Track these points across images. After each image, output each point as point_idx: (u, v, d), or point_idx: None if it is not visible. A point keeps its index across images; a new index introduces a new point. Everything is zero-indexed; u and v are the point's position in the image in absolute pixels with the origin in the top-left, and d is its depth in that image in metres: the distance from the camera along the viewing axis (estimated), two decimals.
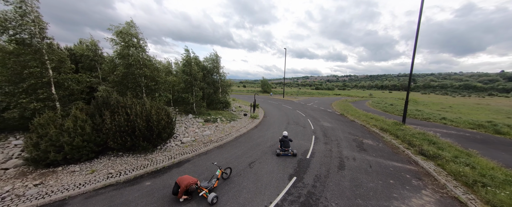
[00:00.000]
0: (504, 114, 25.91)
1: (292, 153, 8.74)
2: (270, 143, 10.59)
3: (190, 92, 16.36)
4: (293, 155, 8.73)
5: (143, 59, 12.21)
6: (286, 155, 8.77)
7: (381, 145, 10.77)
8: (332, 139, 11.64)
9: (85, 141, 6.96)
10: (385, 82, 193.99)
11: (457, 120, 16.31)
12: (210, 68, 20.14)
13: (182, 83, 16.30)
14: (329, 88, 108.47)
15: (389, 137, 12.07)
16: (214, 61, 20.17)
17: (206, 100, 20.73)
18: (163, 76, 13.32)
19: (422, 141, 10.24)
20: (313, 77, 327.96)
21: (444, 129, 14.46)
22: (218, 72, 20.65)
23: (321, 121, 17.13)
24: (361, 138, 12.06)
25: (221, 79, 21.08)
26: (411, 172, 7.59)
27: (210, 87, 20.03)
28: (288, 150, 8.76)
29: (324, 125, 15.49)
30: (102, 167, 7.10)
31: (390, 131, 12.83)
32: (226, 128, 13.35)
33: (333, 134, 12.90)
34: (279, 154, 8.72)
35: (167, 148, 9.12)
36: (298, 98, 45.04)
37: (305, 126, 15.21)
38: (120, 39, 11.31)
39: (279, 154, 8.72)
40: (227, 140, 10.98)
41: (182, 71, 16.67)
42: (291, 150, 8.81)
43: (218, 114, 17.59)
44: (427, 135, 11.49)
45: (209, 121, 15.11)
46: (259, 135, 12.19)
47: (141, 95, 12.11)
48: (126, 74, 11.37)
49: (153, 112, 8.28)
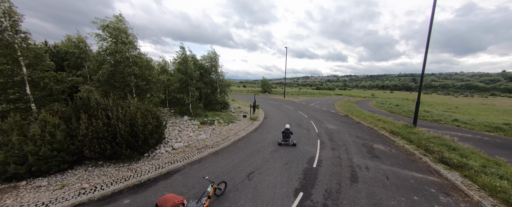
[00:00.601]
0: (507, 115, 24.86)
1: (292, 143, 10.11)
2: (272, 149, 9.56)
3: (186, 93, 15.33)
4: (293, 145, 10.03)
5: (132, 56, 11.19)
6: (287, 145, 10.16)
7: (394, 151, 9.73)
8: (340, 144, 10.61)
9: (55, 150, 5.93)
10: (386, 82, 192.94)
11: (471, 122, 15.27)
12: (208, 67, 19.13)
13: (177, 83, 15.28)
14: (330, 88, 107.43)
15: (401, 141, 11.04)
16: (212, 60, 19.14)
17: (204, 100, 19.69)
18: (156, 75, 12.28)
19: (441, 147, 9.21)
20: (313, 77, 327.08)
21: (459, 132, 13.42)
22: (216, 71, 19.62)
23: (325, 123, 16.10)
24: (370, 143, 11.03)
25: (220, 79, 20.04)
26: (435, 185, 6.56)
27: (208, 87, 19.00)
28: (289, 140, 10.15)
29: (329, 128, 14.45)
30: (75, 180, 6.07)
31: (402, 135, 11.80)
32: (224, 131, 12.33)
33: (339, 137, 11.87)
34: (281, 143, 10.15)
35: (155, 155, 8.09)
36: (299, 98, 44.01)
37: (308, 128, 14.18)
38: (107, 34, 10.29)
39: (280, 143, 10.16)
40: (224, 145, 9.95)
41: (177, 70, 15.65)
42: (291, 141, 10.18)
43: (215, 115, 16.57)
44: (444, 139, 10.46)
45: (205, 123, 14.08)
46: (260, 139, 11.17)
47: (131, 95, 11.08)
48: (113, 72, 10.35)
49: (139, 115, 7.25)
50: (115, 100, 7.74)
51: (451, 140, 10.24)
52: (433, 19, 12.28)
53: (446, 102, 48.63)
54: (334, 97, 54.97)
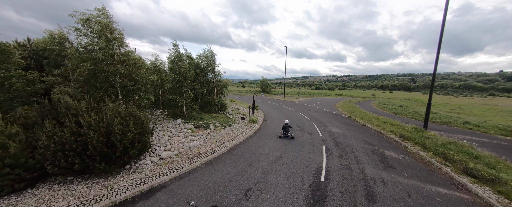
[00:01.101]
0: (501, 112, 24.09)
1: (291, 136, 11.42)
2: (273, 157, 8.51)
3: (179, 94, 14.22)
4: (291, 138, 11.30)
5: (118, 54, 10.06)
6: (287, 137, 11.42)
7: (409, 159, 8.73)
8: (347, 151, 9.59)
9: (7, 167, 4.82)
10: (385, 82, 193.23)
11: (483, 125, 14.36)
12: (204, 66, 18.03)
13: (169, 83, 14.15)
14: (329, 88, 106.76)
15: (415, 147, 10.05)
16: (209, 59, 18.05)
17: (199, 102, 18.59)
18: (145, 75, 11.16)
19: (461, 155, 8.22)
20: (312, 77, 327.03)
21: (473, 136, 12.49)
22: (213, 71, 18.54)
23: (328, 126, 15.09)
24: (380, 149, 10.03)
25: (217, 79, 18.96)
26: (466, 205, 5.56)
27: (204, 88, 17.90)
28: (288, 134, 11.44)
29: (333, 131, 13.44)
30: (33, 202, 4.96)
31: (414, 140, 10.83)
32: (220, 136, 11.25)
33: (346, 143, 10.86)
34: (281, 136, 11.45)
35: (138, 167, 6.99)
36: (299, 98, 43.04)
37: (311, 132, 13.16)
38: (87, 28, 9.16)
39: (280, 136, 11.46)
40: (219, 153, 8.88)
41: (170, 70, 14.53)
42: (290, 134, 11.47)
43: (212, 118, 15.48)
44: (462, 145, 9.49)
45: (200, 127, 12.98)
46: (259, 145, 10.11)
47: (116, 97, 9.96)
48: (94, 71, 9.22)
49: (117, 121, 6.16)
50: (90, 103, 6.62)
51: (469, 146, 9.28)
52: (445, 18, 11.34)
53: (447, 102, 48.00)
54: (334, 97, 54.11)
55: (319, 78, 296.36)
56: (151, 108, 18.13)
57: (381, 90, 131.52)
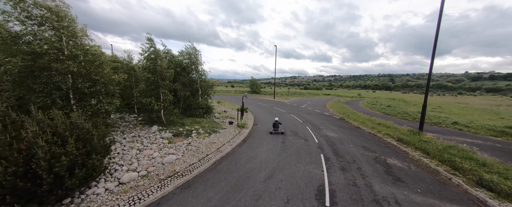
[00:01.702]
0: (496, 115, 25.72)
1: (281, 131, 12.27)
2: (266, 173, 7.12)
3: (155, 96, 12.19)
4: (281, 133, 12.23)
5: (69, 47, 7.90)
6: (277, 133, 12.24)
7: (414, 169, 7.92)
8: (348, 160, 8.55)
9: None
10: (367, 82, 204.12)
11: (471, 125, 14.49)
12: (187, 64, 16.05)
13: (142, 84, 12.06)
14: (317, 88, 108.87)
15: (416, 153, 9.37)
16: (192, 56, 16.11)
17: (182, 105, 16.60)
18: (109, 74, 9.06)
19: (468, 162, 7.58)
20: (300, 77, 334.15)
21: (467, 138, 12.34)
22: (197, 70, 16.64)
23: (323, 130, 14.14)
24: (382, 156, 9.18)
25: (201, 79, 17.09)
26: None
27: (186, 89, 15.94)
28: (278, 130, 12.22)
29: (329, 136, 12.47)
30: None
31: (413, 144, 10.20)
32: (203, 147, 9.57)
33: (345, 150, 9.87)
34: (272, 132, 12.27)
35: (84, 200, 5.12)
36: (290, 99, 42.40)
37: (306, 137, 12.04)
38: (20, 11, 6.93)
39: (271, 132, 12.29)
40: (201, 170, 7.27)
41: (144, 68, 12.43)
42: (280, 130, 12.29)
43: (195, 123, 13.65)
44: (463, 150, 8.99)
45: (180, 135, 11.15)
46: (249, 157, 8.66)
47: (66, 103, 7.79)
48: (30, 69, 7.00)
49: (42, 140, 4.27)
50: (7, 113, 4.59)
51: (471, 151, 8.79)
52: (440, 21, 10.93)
53: None
54: (323, 97, 54.62)
55: (307, 78, 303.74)
56: (124, 112, 15.71)
57: (365, 90, 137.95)
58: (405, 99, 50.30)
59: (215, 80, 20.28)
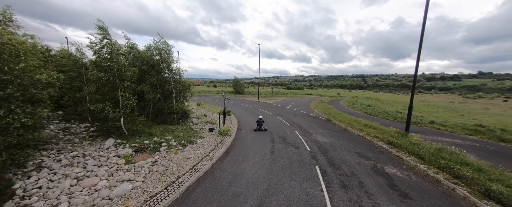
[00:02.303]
0: (455, 111, 28.75)
1: (264, 128, 13.52)
2: (255, 200, 5.59)
3: (112, 101, 9.59)
4: (264, 130, 13.44)
5: None
6: (261, 130, 13.38)
7: (415, 179, 7.28)
8: (346, 172, 7.55)
9: None
10: (344, 82, 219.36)
11: (447, 124, 15.25)
12: (157, 62, 13.45)
13: (92, 86, 9.34)
14: (299, 88, 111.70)
15: (411, 159, 8.91)
16: (163, 52, 13.59)
17: (151, 110, 13.99)
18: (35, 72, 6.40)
19: (466, 168, 7.23)
20: (282, 77, 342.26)
21: (448, 137, 12.69)
22: (170, 68, 14.19)
23: (312, 134, 13.22)
24: (378, 164, 8.47)
25: (175, 79, 14.68)
26: None
27: (156, 91, 13.42)
28: (262, 127, 13.53)
29: (320, 141, 11.54)
30: None
31: (405, 148, 9.82)
32: (173, 165, 7.58)
33: (339, 158, 8.92)
34: (256, 129, 13.43)
35: None
36: (274, 99, 41.65)
37: (296, 144, 10.88)
38: None
39: (255, 130, 13.45)
40: (167, 203, 5.37)
41: (95, 65, 9.69)
42: (263, 127, 13.61)
43: (167, 132, 11.38)
44: (453, 153, 8.81)
45: (144, 150, 8.87)
46: (233, 176, 7.01)
47: None
48: None
49: None
50: None
51: (461, 154, 8.66)
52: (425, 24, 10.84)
53: (396, 99, 55.63)
54: (306, 97, 55.51)
55: (289, 78, 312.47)
56: (72, 121, 12.44)
57: (342, 89, 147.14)
58: (379, 98, 54.09)
59: (193, 80, 17.95)
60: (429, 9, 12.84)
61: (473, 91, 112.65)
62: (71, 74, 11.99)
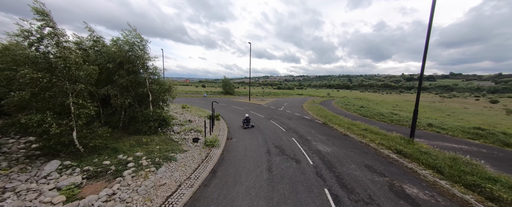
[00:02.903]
0: (441, 111, 29.59)
1: (251, 125, 14.79)
2: None
3: (57, 109, 7.21)
4: (252, 127, 14.67)
5: None
6: (248, 127, 14.44)
7: (443, 202, 6.04)
8: (363, 197, 6.11)
9: None
10: (332, 82, 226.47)
11: (445, 127, 14.83)
12: (127, 59, 11.03)
13: (24, 91, 6.88)
14: (289, 88, 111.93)
15: (426, 172, 7.80)
16: (135, 47, 11.23)
17: (122, 117, 11.57)
18: None
19: (495, 186, 6.20)
20: (272, 77, 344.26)
21: (452, 143, 12.04)
22: (145, 67, 11.86)
23: (312, 142, 11.81)
24: (394, 180, 7.21)
25: (152, 79, 12.39)
26: None
27: (127, 95, 11.06)
28: (249, 124, 14.67)
29: (322, 152, 10.13)
30: None
31: (417, 158, 8.74)
32: (139, 199, 5.55)
33: (350, 176, 7.53)
34: (245, 127, 14.36)
35: None
36: (265, 100, 40.15)
37: (296, 156, 9.34)
38: None
39: (244, 127, 14.35)
40: None
41: (30, 61, 7.21)
42: (251, 124, 14.80)
43: (138, 146, 9.17)
44: (470, 164, 7.88)
45: (100, 175, 6.67)
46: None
47: None
48: None
49: None
50: None
51: (479, 165, 7.75)
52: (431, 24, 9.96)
53: (383, 99, 57.29)
54: (297, 97, 54.95)
55: (279, 78, 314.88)
56: (10, 135, 9.62)
57: (330, 89, 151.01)
58: (368, 98, 55.19)
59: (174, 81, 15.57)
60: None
61: (447, 91, 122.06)
62: (7, 74, 9.22)
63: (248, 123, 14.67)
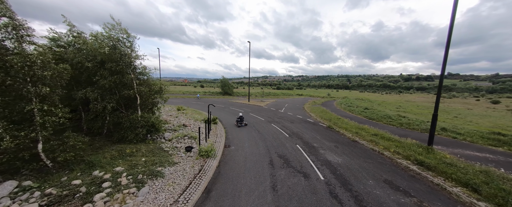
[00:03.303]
0: (447, 113, 28.66)
1: (244, 123, 15.37)
2: None
3: (15, 118, 5.89)
4: (245, 125, 15.27)
5: None
6: (241, 125, 15.06)
7: None
8: None
9: None
10: (330, 82, 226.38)
11: (462, 132, 13.73)
12: (110, 56, 9.67)
13: None
14: (289, 88, 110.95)
15: (458, 189, 6.63)
16: (120, 44, 9.90)
17: (106, 123, 10.24)
18: None
19: None
20: (271, 77, 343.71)
21: (474, 151, 10.90)
22: (132, 66, 10.54)
23: (319, 150, 10.61)
24: (425, 204, 6.01)
25: (140, 80, 11.07)
26: None
27: (110, 98, 9.73)
28: (243, 122, 15.29)
29: (333, 163, 8.92)
30: None
31: (444, 172, 7.59)
32: None
33: (370, 195, 6.31)
34: (238, 126, 14.98)
35: None
36: (265, 101, 38.93)
37: (304, 169, 8.11)
38: None
39: (238, 126, 14.96)
40: None
41: None
42: (244, 123, 15.41)
43: (120, 158, 7.87)
44: (505, 178, 6.73)
45: (65, 200, 5.35)
46: None
47: None
48: None
49: None
50: None
51: None
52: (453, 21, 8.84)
53: (384, 100, 56.43)
54: (297, 97, 53.86)
55: (278, 78, 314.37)
56: None
57: (330, 89, 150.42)
58: (369, 99, 54.26)
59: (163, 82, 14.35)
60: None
61: (446, 91, 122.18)
62: None
63: (241, 121, 15.27)
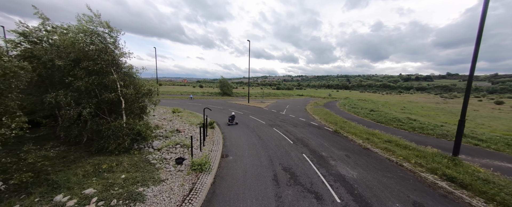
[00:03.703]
0: (453, 114, 27.53)
1: (235, 122, 15.87)
2: None
3: None
4: (235, 124, 15.78)
5: None
6: (232, 124, 15.57)
7: None
8: None
9: None
10: (330, 82, 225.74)
11: (483, 138, 12.45)
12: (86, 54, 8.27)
13: None
14: (288, 88, 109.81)
15: None
16: (100, 39, 8.55)
17: (85, 130, 8.87)
18: None
19: None
20: (271, 77, 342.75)
21: (505, 161, 9.64)
22: (115, 65, 9.18)
23: (329, 160, 9.31)
24: None
25: (126, 81, 9.72)
26: None
27: (89, 101, 8.36)
28: (234, 121, 15.84)
29: (348, 178, 7.63)
30: None
31: (484, 192, 6.35)
32: None
33: None
34: (229, 124, 15.59)
35: None
36: (265, 102, 37.62)
37: (314, 187, 6.82)
38: None
39: (229, 124, 15.56)
40: None
41: None
42: (235, 122, 15.93)
43: (95, 175, 6.53)
44: None
45: None
46: None
47: None
48: None
49: None
50: None
51: None
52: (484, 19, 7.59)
53: (387, 100, 55.31)
54: (298, 98, 52.65)
55: (277, 78, 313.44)
56: None
57: (330, 89, 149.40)
58: (372, 99, 53.11)
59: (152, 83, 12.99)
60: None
61: (446, 91, 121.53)
62: None
63: (233, 120, 15.88)
